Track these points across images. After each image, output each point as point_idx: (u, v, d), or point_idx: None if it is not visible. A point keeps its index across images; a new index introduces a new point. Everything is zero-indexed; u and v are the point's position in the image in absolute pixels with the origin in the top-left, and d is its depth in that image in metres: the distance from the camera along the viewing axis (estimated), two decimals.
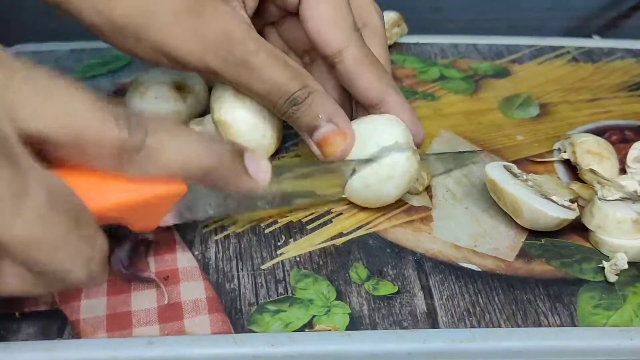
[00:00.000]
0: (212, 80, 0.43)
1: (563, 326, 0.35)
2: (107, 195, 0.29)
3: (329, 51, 0.40)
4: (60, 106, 0.27)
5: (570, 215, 0.39)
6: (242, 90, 0.40)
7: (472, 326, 0.35)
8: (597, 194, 0.40)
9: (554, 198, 0.39)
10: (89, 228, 0.28)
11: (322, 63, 0.43)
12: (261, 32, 0.41)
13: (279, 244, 0.39)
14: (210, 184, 0.32)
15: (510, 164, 0.42)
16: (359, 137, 0.40)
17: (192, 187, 0.32)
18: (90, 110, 0.27)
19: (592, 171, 0.42)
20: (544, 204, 0.39)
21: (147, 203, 0.31)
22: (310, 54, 0.45)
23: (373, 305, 0.36)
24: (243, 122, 0.42)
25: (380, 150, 0.39)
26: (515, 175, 0.41)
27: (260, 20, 0.44)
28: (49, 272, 0.27)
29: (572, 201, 0.40)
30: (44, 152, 0.27)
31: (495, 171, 0.41)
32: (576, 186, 0.43)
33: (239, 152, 0.33)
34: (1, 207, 0.24)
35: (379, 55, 0.42)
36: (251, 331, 0.34)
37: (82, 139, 0.27)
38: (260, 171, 0.34)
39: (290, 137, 0.48)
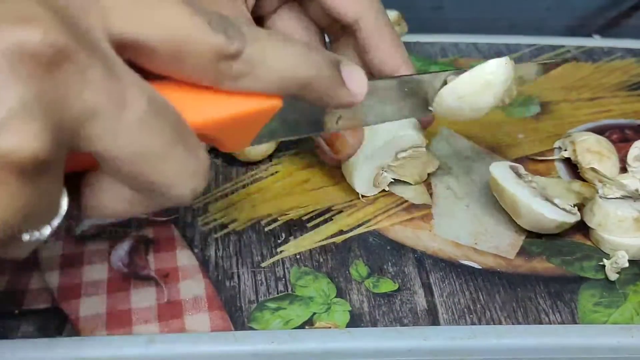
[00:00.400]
0: None
1: (564, 324, 0.35)
2: (202, 110, 0.27)
3: (346, 20, 0.39)
4: (155, 11, 0.25)
5: (570, 218, 0.39)
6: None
7: (473, 323, 0.35)
8: (598, 192, 0.40)
9: (555, 201, 0.39)
10: (191, 139, 0.25)
11: None
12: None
13: (279, 241, 0.39)
14: (307, 97, 0.30)
15: (517, 164, 0.42)
16: (369, 127, 0.40)
17: (287, 103, 0.29)
18: (187, 15, 0.25)
19: (593, 169, 0.42)
20: (543, 205, 0.38)
21: (242, 119, 0.28)
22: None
23: (373, 303, 0.35)
24: None
25: (395, 134, 0.40)
26: (520, 176, 0.41)
27: (254, 14, 0.43)
28: (153, 187, 0.25)
29: (577, 206, 0.40)
30: (134, 62, 0.25)
31: (499, 170, 0.41)
32: (577, 184, 0.43)
33: (335, 62, 0.30)
34: (101, 119, 0.22)
35: None
36: (251, 329, 0.34)
37: (179, 45, 0.25)
38: (358, 84, 0.30)
39: None
